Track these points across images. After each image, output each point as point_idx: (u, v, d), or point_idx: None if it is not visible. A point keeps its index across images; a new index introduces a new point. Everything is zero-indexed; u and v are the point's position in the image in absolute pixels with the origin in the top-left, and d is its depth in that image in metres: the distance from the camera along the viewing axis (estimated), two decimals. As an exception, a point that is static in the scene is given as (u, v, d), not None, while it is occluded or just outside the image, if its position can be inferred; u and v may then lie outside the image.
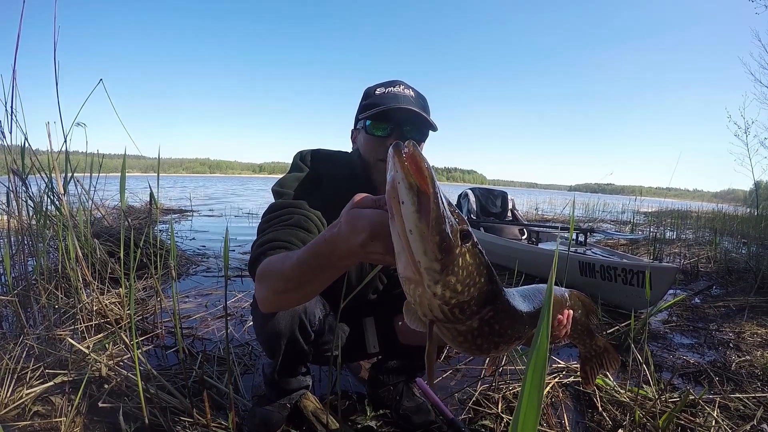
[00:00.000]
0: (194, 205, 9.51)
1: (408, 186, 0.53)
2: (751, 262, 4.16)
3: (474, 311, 0.62)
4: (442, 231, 0.54)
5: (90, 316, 1.99)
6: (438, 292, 0.57)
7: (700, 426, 1.45)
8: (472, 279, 0.59)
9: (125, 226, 2.76)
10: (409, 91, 1.22)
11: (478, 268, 0.60)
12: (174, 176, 68.05)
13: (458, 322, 0.63)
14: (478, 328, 0.66)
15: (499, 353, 0.75)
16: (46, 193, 2.11)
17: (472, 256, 0.59)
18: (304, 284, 0.77)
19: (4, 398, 1.38)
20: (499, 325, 0.68)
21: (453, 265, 0.56)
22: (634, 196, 12.93)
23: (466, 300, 0.60)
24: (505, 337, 0.71)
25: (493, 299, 0.65)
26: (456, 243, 0.56)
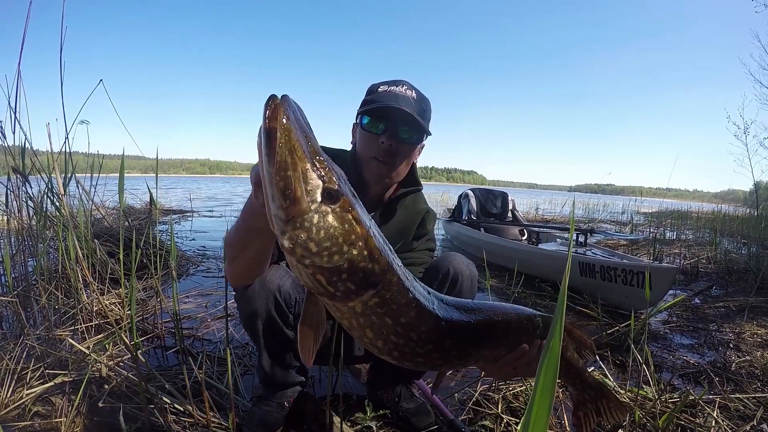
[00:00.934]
0: (194, 206, 9.51)
1: (263, 129, 0.53)
2: (751, 263, 4.16)
3: (350, 289, 0.59)
4: (287, 177, 0.53)
5: (90, 316, 2.00)
6: (285, 244, 0.55)
7: (700, 426, 1.45)
8: (335, 244, 0.56)
9: (125, 226, 2.76)
10: (411, 93, 1.22)
11: (346, 234, 0.57)
12: (174, 177, 68.10)
13: (333, 297, 0.60)
14: (363, 315, 0.63)
15: (418, 364, 0.71)
16: (46, 194, 2.12)
17: (337, 219, 0.56)
18: (244, 248, 0.86)
19: (4, 398, 1.38)
20: (391, 320, 0.64)
21: (302, 218, 0.54)
22: (634, 196, 12.96)
23: (327, 267, 0.57)
24: (406, 339, 0.66)
25: (375, 282, 0.61)
26: (310, 197, 0.54)
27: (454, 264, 1.32)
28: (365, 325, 0.64)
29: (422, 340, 0.69)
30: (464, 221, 5.60)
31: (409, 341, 0.68)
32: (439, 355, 0.73)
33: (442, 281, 1.30)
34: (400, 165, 1.24)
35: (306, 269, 0.57)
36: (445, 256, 1.37)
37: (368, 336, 0.65)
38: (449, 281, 1.30)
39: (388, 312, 0.64)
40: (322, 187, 0.55)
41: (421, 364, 0.73)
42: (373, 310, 0.63)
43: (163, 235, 4.70)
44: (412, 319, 0.66)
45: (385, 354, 0.69)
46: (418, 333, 0.67)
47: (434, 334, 0.70)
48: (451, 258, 1.34)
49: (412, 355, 0.70)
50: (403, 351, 0.68)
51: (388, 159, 1.21)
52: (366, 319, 0.63)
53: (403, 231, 1.37)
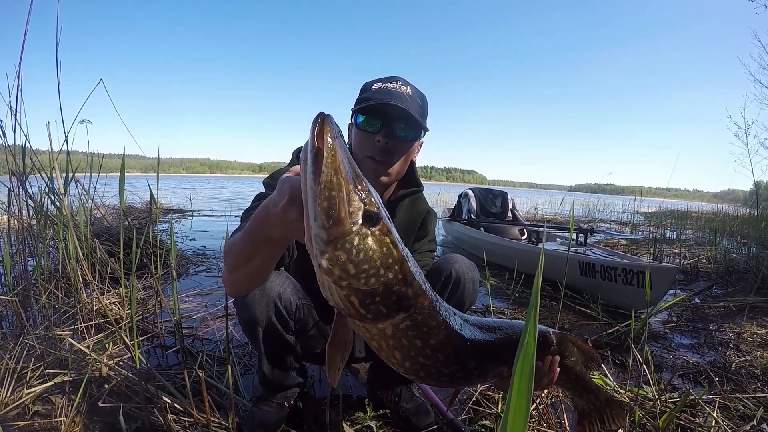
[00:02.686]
0: (194, 206, 9.51)
1: (309, 147, 0.54)
2: (751, 263, 4.16)
3: (381, 312, 0.59)
4: (332, 197, 0.53)
5: (90, 315, 1.99)
6: (324, 264, 0.55)
7: (700, 426, 1.45)
8: (373, 267, 0.57)
9: (125, 226, 2.76)
10: (406, 88, 1.19)
11: (383, 258, 0.57)
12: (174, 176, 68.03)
13: (363, 319, 0.60)
14: (393, 337, 0.63)
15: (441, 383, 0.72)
16: (46, 193, 2.12)
17: (376, 242, 0.57)
18: (250, 258, 0.79)
19: (4, 398, 1.38)
20: (421, 342, 0.64)
21: (343, 239, 0.54)
22: (634, 196, 12.94)
23: (363, 289, 0.57)
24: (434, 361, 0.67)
25: (408, 306, 0.61)
26: (352, 219, 0.55)
27: (456, 267, 1.30)
28: (394, 347, 0.64)
29: (449, 361, 0.69)
30: (464, 221, 5.60)
31: (436, 362, 0.68)
32: (463, 375, 0.74)
33: (444, 284, 1.29)
34: (396, 163, 1.21)
35: (341, 291, 0.57)
36: (447, 259, 1.35)
37: (396, 357, 0.65)
38: (451, 284, 1.29)
39: (418, 335, 0.64)
40: (363, 209, 0.56)
41: (444, 383, 0.74)
42: (404, 333, 0.63)
43: (163, 234, 4.71)
44: (441, 341, 0.67)
45: (411, 374, 0.69)
46: (446, 354, 0.68)
47: (461, 355, 0.70)
48: (453, 261, 1.33)
49: (438, 375, 0.70)
50: (429, 371, 0.69)
51: (384, 158, 1.18)
52: (396, 342, 0.64)
53: (403, 233, 1.35)
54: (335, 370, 0.64)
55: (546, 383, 0.85)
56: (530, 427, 1.45)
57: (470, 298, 1.34)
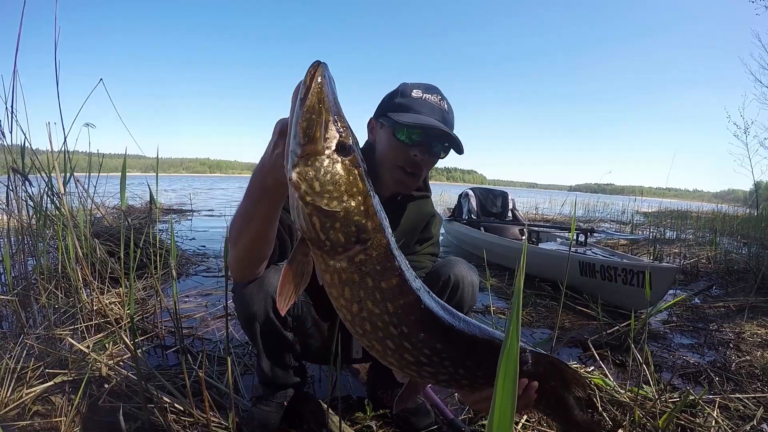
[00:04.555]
0: (194, 205, 9.51)
1: (302, 81, 0.62)
2: (751, 263, 4.16)
3: (339, 241, 0.63)
4: (311, 120, 0.60)
5: (90, 315, 1.99)
6: (293, 177, 0.61)
7: (700, 426, 1.45)
8: (337, 190, 0.62)
9: (125, 225, 2.76)
10: (444, 104, 1.21)
11: (348, 185, 0.63)
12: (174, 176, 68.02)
13: (322, 246, 0.64)
14: (346, 271, 0.65)
15: (387, 353, 0.71)
16: (46, 193, 2.11)
17: (344, 169, 0.63)
18: (250, 218, 0.85)
19: (4, 398, 1.38)
20: (372, 281, 0.66)
21: (314, 157, 0.61)
22: (634, 196, 12.95)
23: (325, 209, 0.62)
24: (382, 310, 0.67)
25: (365, 239, 0.65)
26: (326, 143, 0.61)
27: (455, 271, 1.30)
28: (345, 282, 0.66)
29: (398, 316, 0.69)
30: (464, 221, 5.60)
31: (384, 312, 0.68)
32: (411, 347, 0.72)
33: (443, 287, 1.29)
34: (423, 176, 1.25)
35: (305, 208, 0.62)
36: (446, 262, 1.35)
37: (345, 297, 0.67)
38: (450, 288, 1.29)
39: (371, 272, 0.66)
40: (338, 138, 0.62)
41: (391, 355, 0.72)
42: (358, 267, 0.65)
43: (163, 234, 4.70)
44: (393, 287, 0.68)
45: (357, 325, 0.69)
46: (395, 305, 0.68)
47: (411, 315, 0.70)
48: (453, 264, 1.33)
49: (383, 334, 0.70)
50: (375, 325, 0.68)
51: (415, 170, 1.20)
52: (348, 276, 0.65)
53: (408, 231, 1.36)
54: (285, 297, 0.66)
55: (520, 407, 0.80)
56: (530, 427, 1.45)
57: (469, 302, 1.34)
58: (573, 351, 2.28)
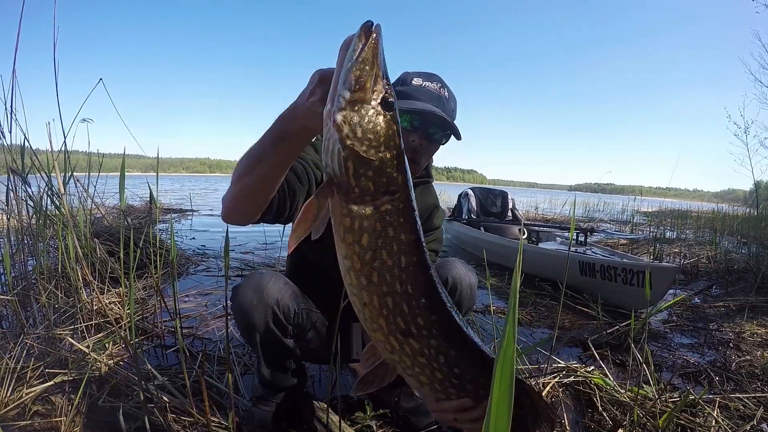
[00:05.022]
0: (194, 205, 9.51)
1: (357, 34, 0.65)
2: (751, 262, 4.16)
3: (368, 189, 0.65)
4: (365, 70, 0.63)
5: (90, 315, 1.99)
6: (338, 119, 0.63)
7: (700, 426, 1.45)
8: (376, 140, 0.65)
9: (125, 225, 2.76)
10: (444, 91, 1.22)
11: (387, 138, 0.66)
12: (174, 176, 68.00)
13: (350, 193, 0.65)
14: (369, 219, 0.66)
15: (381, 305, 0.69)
16: (45, 193, 2.11)
17: (386, 123, 0.66)
18: (261, 159, 0.84)
19: (4, 398, 1.38)
20: (393, 231, 0.67)
21: (361, 105, 0.64)
22: (634, 196, 12.95)
23: (361, 156, 0.64)
24: (394, 261, 0.67)
25: (395, 191, 0.67)
26: (374, 95, 0.65)
27: (453, 273, 1.30)
28: (366, 230, 0.67)
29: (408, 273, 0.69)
30: (464, 220, 5.60)
31: (395, 266, 0.68)
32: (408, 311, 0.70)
33: None
34: (424, 162, 1.26)
35: (343, 151, 0.64)
36: (445, 264, 1.35)
37: (362, 243, 0.67)
38: (448, 290, 1.28)
39: (393, 223, 0.67)
40: (384, 93, 0.66)
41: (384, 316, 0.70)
42: (382, 216, 0.67)
43: (163, 234, 4.70)
44: (410, 242, 0.69)
45: (363, 275, 0.68)
46: (409, 261, 0.69)
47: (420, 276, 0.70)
48: (451, 266, 1.32)
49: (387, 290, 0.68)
50: (384, 277, 0.68)
51: (414, 156, 1.21)
52: (370, 224, 0.66)
53: None
54: (298, 236, 0.66)
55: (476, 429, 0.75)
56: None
57: (468, 304, 1.34)
58: (573, 351, 2.28)
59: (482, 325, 2.51)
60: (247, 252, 4.39)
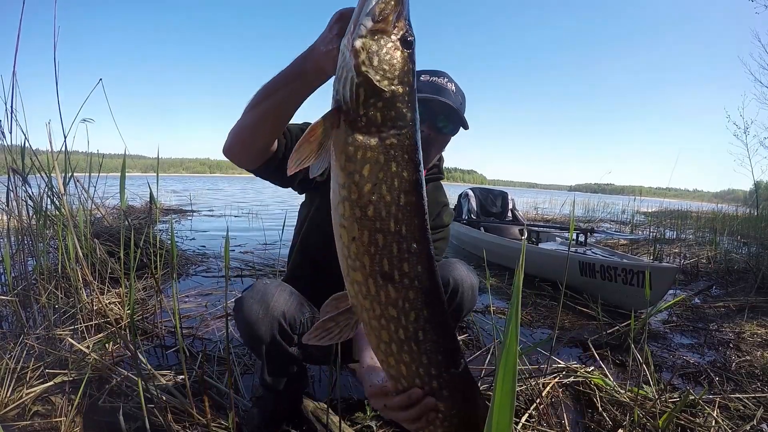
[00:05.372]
0: (194, 205, 9.51)
1: None
2: (751, 262, 4.16)
3: (375, 120, 0.65)
4: (389, 4, 0.65)
5: (90, 315, 1.99)
6: (357, 45, 0.64)
7: (700, 426, 1.45)
8: (391, 71, 0.65)
9: (125, 225, 2.76)
10: (451, 85, 1.25)
11: (402, 73, 0.66)
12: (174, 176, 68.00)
13: (356, 121, 0.65)
14: (373, 150, 0.65)
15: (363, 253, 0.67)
16: (46, 193, 2.11)
17: (403, 58, 0.66)
18: (275, 91, 0.85)
19: (4, 398, 1.38)
20: (396, 166, 0.66)
21: (381, 35, 0.65)
22: (634, 196, 12.94)
23: (374, 84, 0.64)
24: (391, 198, 0.66)
25: (402, 126, 0.67)
26: (395, 29, 0.65)
27: (455, 274, 1.30)
28: (368, 160, 0.66)
29: (404, 212, 0.68)
30: (464, 221, 5.60)
31: (393, 202, 0.67)
32: (397, 253, 0.68)
33: None
34: (433, 154, 1.29)
35: (357, 78, 0.64)
36: (446, 265, 1.35)
37: (363, 173, 0.66)
38: (449, 291, 1.29)
39: (397, 158, 0.67)
40: (405, 32, 0.67)
41: (371, 255, 0.67)
42: (386, 149, 0.66)
43: (163, 234, 4.70)
44: (411, 181, 0.68)
45: (359, 207, 0.66)
46: (407, 200, 0.68)
47: (415, 219, 0.69)
48: (452, 267, 1.33)
49: (380, 226, 0.66)
50: (379, 212, 0.66)
51: (424, 147, 1.22)
52: (373, 155, 0.66)
53: None
54: (299, 160, 0.65)
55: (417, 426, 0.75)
56: (530, 426, 1.45)
57: (469, 305, 1.34)
58: (573, 351, 2.29)
59: (482, 326, 2.51)
60: (246, 252, 4.40)
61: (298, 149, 0.65)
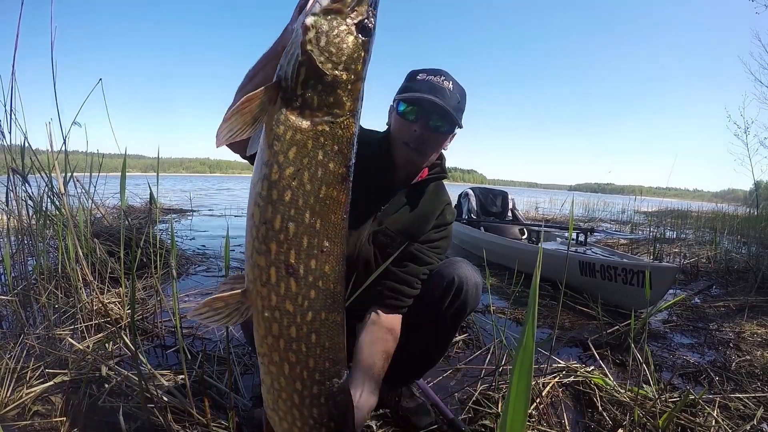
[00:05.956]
0: (194, 205, 9.51)
1: None
2: (751, 262, 4.16)
3: (311, 102, 0.63)
4: None
5: (90, 315, 1.99)
6: (308, 22, 0.62)
7: (700, 426, 1.45)
8: (338, 55, 0.63)
9: (125, 225, 2.76)
10: (448, 84, 1.25)
11: (350, 58, 0.64)
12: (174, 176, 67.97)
13: (292, 100, 0.63)
14: (304, 133, 0.63)
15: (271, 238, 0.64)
16: (46, 193, 2.11)
17: (355, 44, 0.64)
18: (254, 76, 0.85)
19: (4, 398, 1.38)
20: (323, 156, 0.64)
21: (334, 16, 0.62)
22: (634, 195, 12.94)
23: (317, 65, 0.62)
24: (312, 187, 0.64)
25: (338, 114, 0.64)
26: (351, 13, 0.63)
27: (459, 272, 1.30)
28: (296, 143, 0.63)
29: (322, 205, 0.65)
30: (464, 220, 5.60)
31: (312, 193, 0.64)
32: (306, 246, 0.65)
33: (447, 288, 1.29)
34: (429, 153, 1.29)
35: (301, 56, 0.62)
36: (451, 263, 1.35)
37: (288, 155, 0.63)
38: (454, 289, 1.29)
39: (325, 147, 0.64)
40: (364, 17, 0.64)
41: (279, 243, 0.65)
42: (316, 135, 0.64)
43: (163, 234, 4.70)
44: (336, 174, 0.65)
45: (278, 191, 0.63)
46: (327, 194, 0.65)
47: (332, 214, 0.66)
48: (457, 266, 1.33)
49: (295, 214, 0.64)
50: (296, 200, 0.64)
51: (418, 146, 1.24)
52: (302, 138, 0.63)
53: (424, 215, 1.36)
54: (229, 131, 0.62)
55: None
56: (530, 426, 1.45)
57: (473, 303, 1.34)
58: (573, 350, 2.29)
59: (482, 325, 2.51)
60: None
61: (228, 119, 0.61)
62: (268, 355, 0.70)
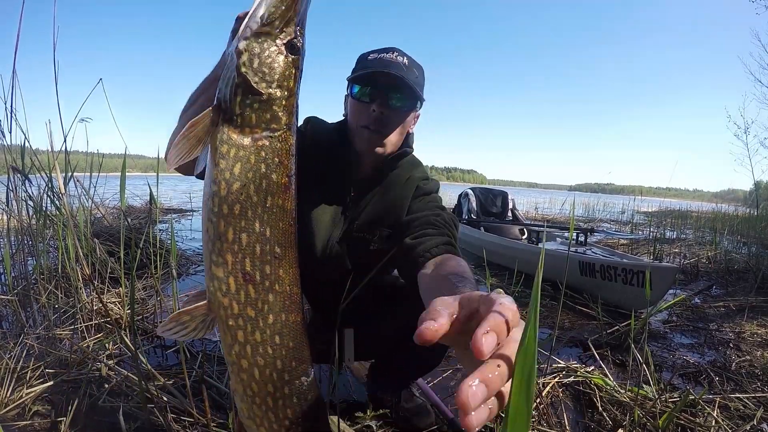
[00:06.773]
0: (194, 205, 9.50)
1: None
2: (751, 262, 4.16)
3: (250, 120, 0.66)
4: (278, 9, 0.65)
5: (90, 315, 1.99)
6: (240, 46, 0.65)
7: (700, 426, 1.45)
8: (270, 75, 0.66)
9: (125, 225, 2.76)
10: (402, 59, 1.16)
11: (282, 77, 0.67)
12: (174, 176, 67.86)
13: (232, 120, 0.66)
14: (245, 149, 0.66)
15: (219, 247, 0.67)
16: (46, 193, 2.11)
17: (285, 63, 0.67)
18: (195, 100, 0.86)
19: (4, 398, 1.38)
20: (266, 168, 0.66)
21: (264, 38, 0.66)
22: (634, 195, 12.95)
23: (252, 85, 0.65)
24: (258, 198, 0.66)
25: (276, 129, 0.67)
26: (280, 34, 0.66)
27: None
28: (240, 159, 0.66)
29: (269, 214, 0.67)
30: (464, 221, 5.60)
31: (259, 204, 0.67)
32: (259, 254, 0.68)
33: None
34: (391, 133, 1.18)
35: (237, 78, 0.65)
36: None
37: (233, 171, 0.66)
38: None
39: (267, 160, 0.67)
40: (292, 37, 0.67)
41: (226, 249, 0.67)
42: (258, 150, 0.67)
43: (163, 234, 4.70)
44: (279, 185, 0.68)
45: (226, 204, 0.66)
46: (273, 203, 0.67)
47: (280, 222, 0.69)
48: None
49: (245, 225, 0.67)
50: (244, 212, 0.66)
51: (379, 127, 1.15)
52: (245, 154, 0.66)
53: (399, 197, 1.23)
54: (179, 154, 0.64)
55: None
56: (530, 426, 1.45)
57: None
58: (573, 351, 2.28)
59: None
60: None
61: (176, 146, 0.64)
62: (236, 363, 0.72)
